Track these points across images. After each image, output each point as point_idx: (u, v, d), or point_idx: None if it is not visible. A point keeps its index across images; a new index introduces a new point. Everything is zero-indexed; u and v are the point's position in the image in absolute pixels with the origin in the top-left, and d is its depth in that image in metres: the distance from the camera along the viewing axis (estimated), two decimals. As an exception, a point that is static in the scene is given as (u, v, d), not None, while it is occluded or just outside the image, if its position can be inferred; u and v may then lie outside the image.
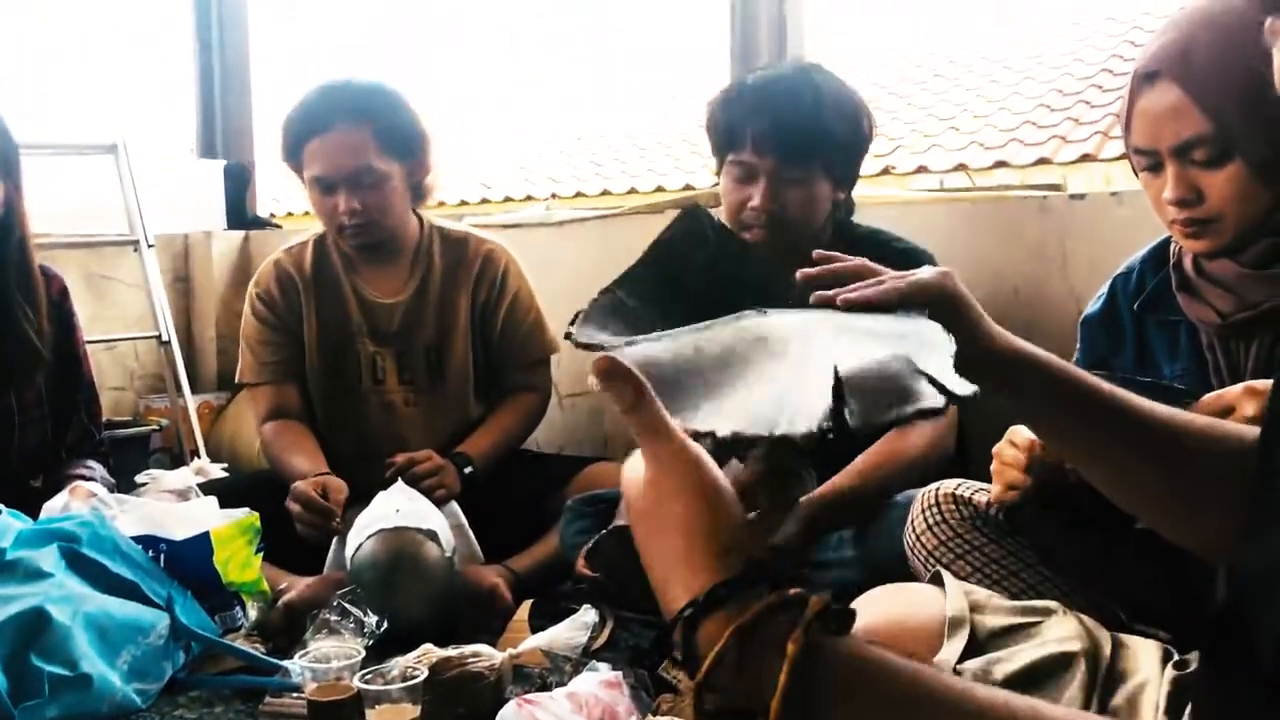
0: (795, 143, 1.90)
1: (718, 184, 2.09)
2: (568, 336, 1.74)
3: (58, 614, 1.67)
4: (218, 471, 2.69)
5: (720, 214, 2.09)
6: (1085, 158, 6.85)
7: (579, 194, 8.87)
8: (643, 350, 0.87)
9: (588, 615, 1.72)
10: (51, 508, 1.93)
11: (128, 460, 3.14)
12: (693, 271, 1.92)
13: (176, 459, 3.59)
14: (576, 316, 1.78)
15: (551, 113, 11.11)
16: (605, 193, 8.72)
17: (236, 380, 2.43)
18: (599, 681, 1.48)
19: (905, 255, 2.02)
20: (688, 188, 7.80)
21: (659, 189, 8.19)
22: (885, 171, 7.35)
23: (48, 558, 1.76)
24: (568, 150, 10.02)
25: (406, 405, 2.38)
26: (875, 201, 2.52)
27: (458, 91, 12.51)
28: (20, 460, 2.14)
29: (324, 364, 2.38)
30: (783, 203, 1.93)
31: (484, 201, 9.27)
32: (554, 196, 8.56)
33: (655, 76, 10.90)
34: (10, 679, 1.61)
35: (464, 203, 9.17)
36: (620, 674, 1.52)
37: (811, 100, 1.91)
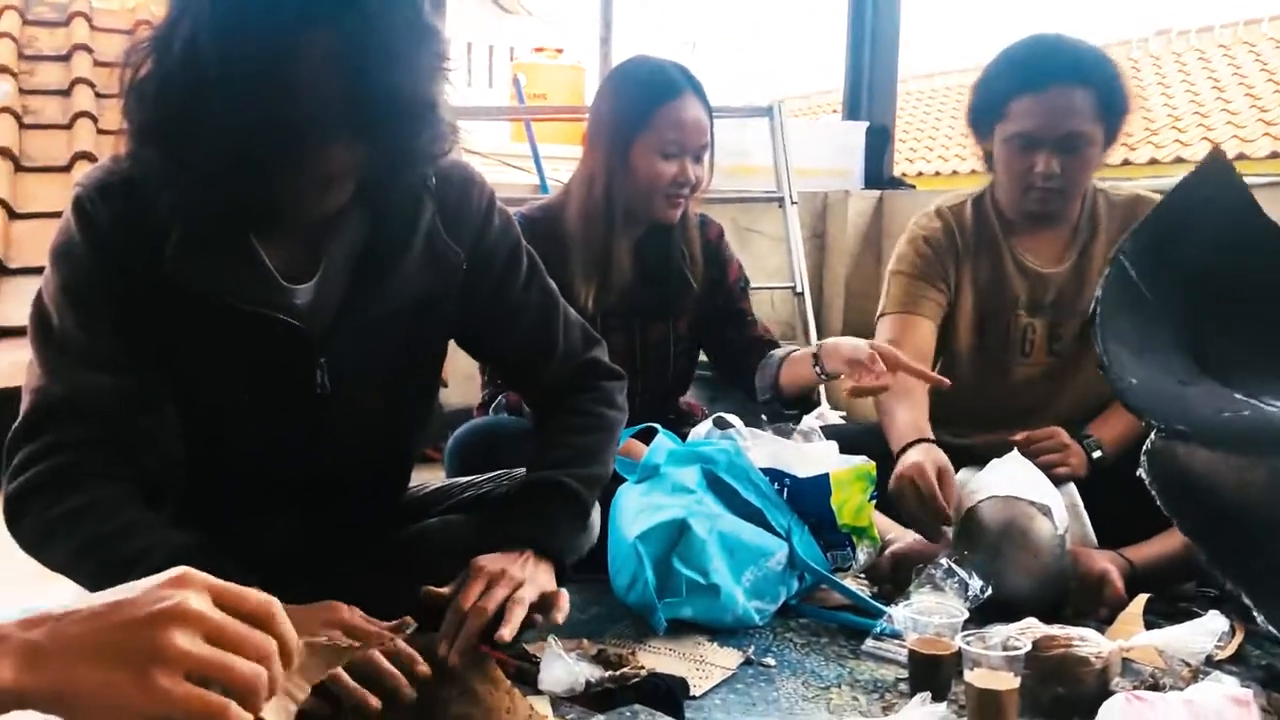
0: None
1: None
2: (1100, 367, 1.56)
3: (697, 527, 1.88)
4: (836, 419, 2.85)
5: None
6: None
7: (1240, 156, 7.92)
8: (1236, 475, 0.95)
9: (1214, 622, 1.58)
10: (697, 432, 2.18)
11: (752, 397, 3.42)
12: (1195, 243, 1.65)
13: (800, 403, 3.85)
14: (1096, 317, 1.58)
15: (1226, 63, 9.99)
16: (1275, 155, 7.70)
17: (878, 315, 2.40)
18: (1225, 695, 1.35)
19: None
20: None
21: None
22: None
23: (691, 476, 1.99)
24: (1233, 106, 8.96)
25: (1047, 378, 2.31)
26: None
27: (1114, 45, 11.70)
28: (673, 384, 2.43)
29: (973, 330, 2.34)
30: None
31: (1153, 162, 8.60)
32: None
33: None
34: (657, 576, 1.86)
35: (1127, 163, 8.58)
36: (1251, 692, 1.38)
37: None
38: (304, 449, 1.47)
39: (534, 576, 1.46)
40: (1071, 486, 2.12)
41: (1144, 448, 1.50)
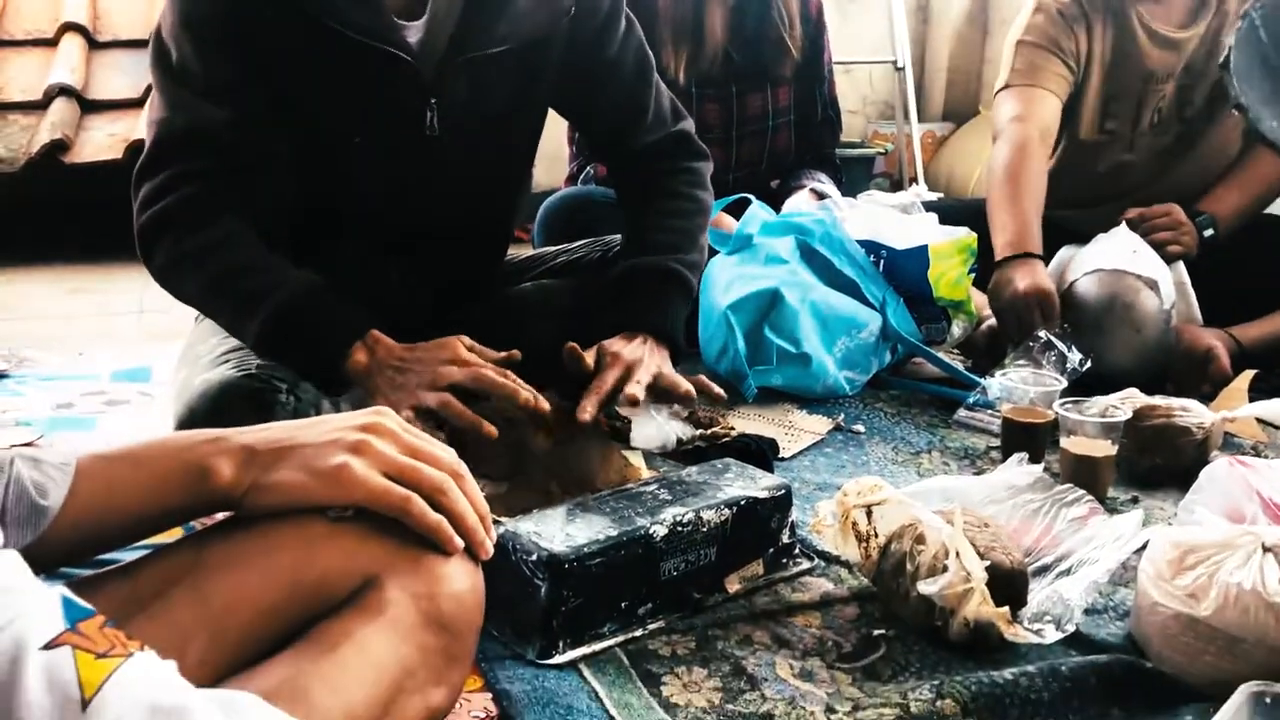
0: None
1: None
2: (1237, 107, 1.48)
3: (789, 297, 1.86)
4: (933, 197, 2.75)
5: None
6: None
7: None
8: None
9: (1325, 396, 1.53)
10: (792, 205, 2.13)
11: (851, 181, 3.33)
12: None
13: (896, 185, 3.75)
14: (1230, 63, 1.52)
15: None
16: None
17: (998, 89, 2.20)
18: (1332, 463, 1.32)
19: None
20: None
21: None
22: None
23: (785, 247, 1.96)
24: None
25: (1168, 151, 2.17)
26: None
27: None
28: (769, 160, 2.36)
29: (1100, 108, 2.19)
30: None
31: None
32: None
33: None
34: (748, 345, 1.86)
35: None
36: (1360, 462, 1.35)
37: None
38: (412, 194, 1.48)
39: (657, 358, 1.47)
40: (1180, 265, 2.04)
41: None
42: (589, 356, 1.42)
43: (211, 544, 0.76)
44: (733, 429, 1.63)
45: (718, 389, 1.46)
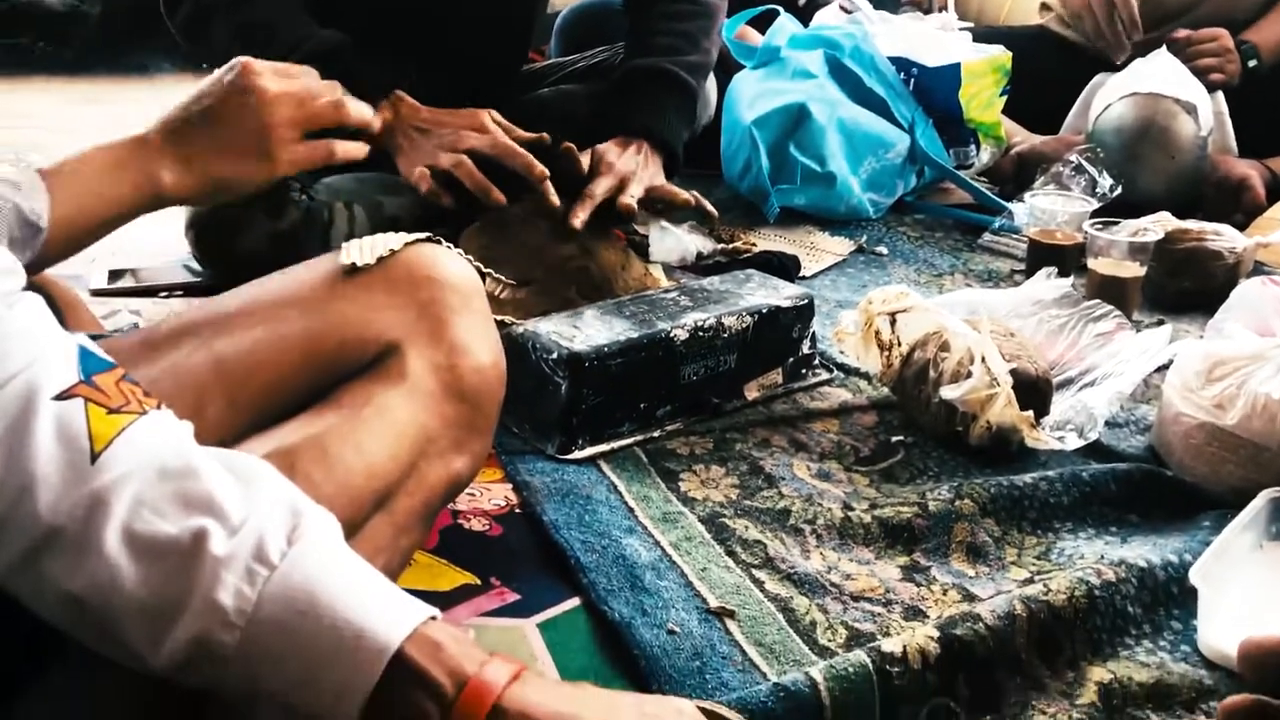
0: None
1: None
2: None
3: (816, 113, 1.80)
4: (965, 26, 2.65)
5: None
6: None
7: None
8: None
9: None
10: (822, 18, 2.05)
11: (877, 6, 3.20)
12: None
13: (924, 13, 3.60)
14: None
15: None
16: None
17: None
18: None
19: None
20: None
21: None
22: None
23: (815, 61, 1.89)
24: None
25: None
26: None
27: None
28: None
29: None
30: None
31: None
32: None
33: None
34: (772, 163, 1.81)
35: None
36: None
37: None
38: None
39: (650, 168, 1.43)
40: (1220, 95, 1.97)
41: None
42: (584, 161, 1.38)
43: (225, 309, 0.74)
44: (754, 244, 1.61)
45: (710, 206, 1.43)
